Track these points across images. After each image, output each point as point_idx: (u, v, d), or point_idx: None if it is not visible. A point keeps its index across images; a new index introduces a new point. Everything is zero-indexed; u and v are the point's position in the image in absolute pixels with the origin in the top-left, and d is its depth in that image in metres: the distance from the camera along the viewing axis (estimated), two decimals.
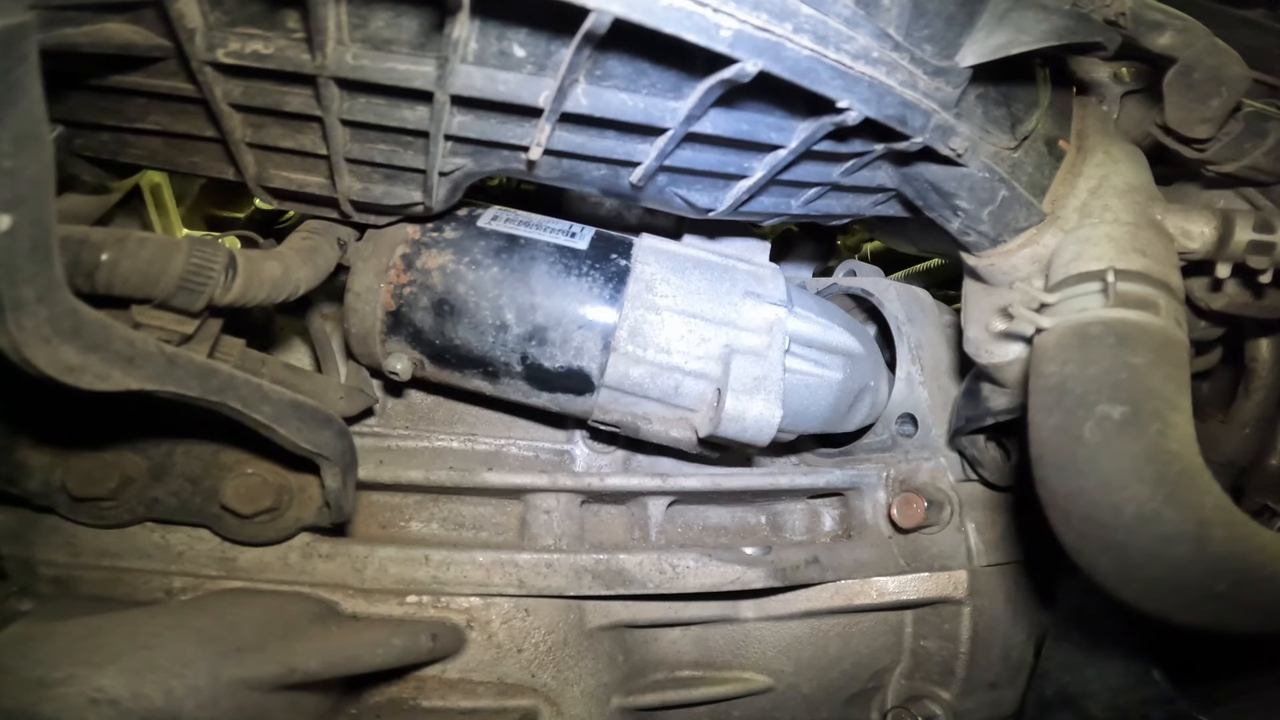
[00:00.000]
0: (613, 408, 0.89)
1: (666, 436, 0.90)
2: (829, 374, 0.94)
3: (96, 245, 0.66)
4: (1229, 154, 0.80)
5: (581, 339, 0.85)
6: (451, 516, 1.01)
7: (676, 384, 0.86)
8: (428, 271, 0.85)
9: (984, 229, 0.78)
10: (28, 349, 0.51)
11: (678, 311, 0.87)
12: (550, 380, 0.87)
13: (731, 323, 0.88)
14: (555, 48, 0.61)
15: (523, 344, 0.85)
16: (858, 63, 0.59)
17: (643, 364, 0.86)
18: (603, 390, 0.87)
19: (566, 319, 0.85)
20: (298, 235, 0.87)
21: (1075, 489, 0.61)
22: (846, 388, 0.96)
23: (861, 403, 1.01)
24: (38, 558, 0.86)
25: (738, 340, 0.87)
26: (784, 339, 0.87)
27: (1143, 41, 0.75)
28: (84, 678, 0.64)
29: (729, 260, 0.93)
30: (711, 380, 0.86)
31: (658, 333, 0.86)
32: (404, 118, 0.68)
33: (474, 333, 0.85)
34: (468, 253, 0.86)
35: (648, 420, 0.89)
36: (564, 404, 0.90)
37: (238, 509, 0.84)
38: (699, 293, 0.88)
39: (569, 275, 0.86)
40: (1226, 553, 0.56)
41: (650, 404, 0.88)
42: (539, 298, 0.85)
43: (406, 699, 0.92)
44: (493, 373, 0.88)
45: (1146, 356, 0.61)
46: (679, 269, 0.89)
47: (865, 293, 1.13)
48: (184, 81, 0.66)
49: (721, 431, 0.82)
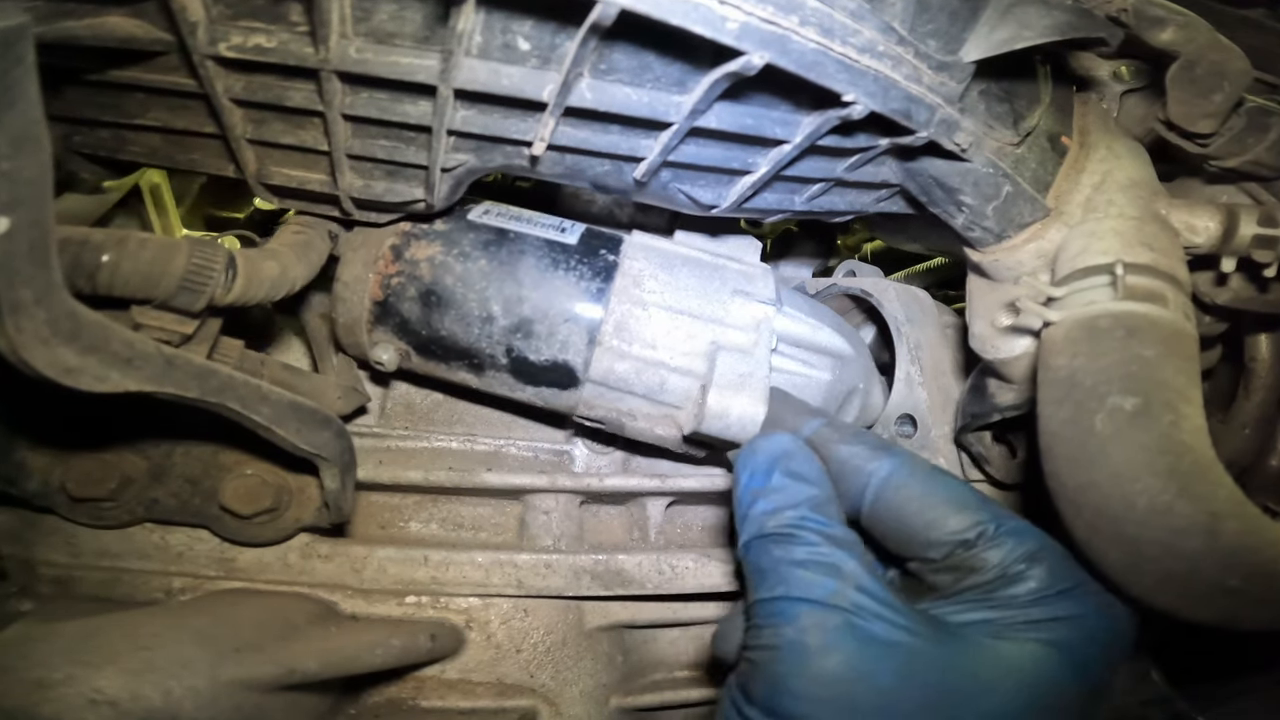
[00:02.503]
0: (597, 403, 0.88)
1: (652, 434, 0.90)
2: (816, 374, 0.93)
3: (97, 246, 0.67)
4: (1232, 149, 0.80)
5: (567, 333, 0.85)
6: (450, 517, 1.01)
7: (662, 380, 0.86)
8: (416, 263, 0.85)
9: (988, 224, 0.78)
10: (26, 350, 0.51)
11: (664, 307, 0.86)
12: (535, 374, 0.87)
13: (718, 320, 0.87)
14: (560, 41, 0.61)
15: (508, 336, 0.85)
16: (863, 56, 0.59)
17: (628, 359, 0.85)
18: (587, 385, 0.87)
19: (552, 312, 0.85)
20: (289, 230, 0.86)
21: (1086, 481, 0.60)
22: (834, 389, 0.95)
23: (850, 405, 1.00)
24: (38, 558, 0.86)
25: (724, 337, 0.86)
26: (771, 337, 0.87)
27: (1145, 37, 0.75)
28: (83, 678, 0.64)
29: (719, 259, 0.93)
30: (697, 377, 0.85)
31: (644, 328, 0.86)
32: (407, 113, 0.67)
33: (460, 324, 0.85)
34: (456, 245, 0.86)
35: (633, 417, 0.89)
36: (549, 398, 0.89)
37: (237, 510, 0.84)
38: (687, 289, 0.88)
39: (556, 269, 0.86)
40: (1240, 546, 0.55)
41: (635, 400, 0.87)
42: (525, 290, 0.85)
43: (406, 699, 0.91)
44: (478, 365, 0.87)
45: (1157, 349, 0.61)
46: (667, 265, 0.89)
47: (865, 293, 1.12)
48: (185, 76, 0.65)
49: (704, 428, 0.82)
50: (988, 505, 0.68)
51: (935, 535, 0.67)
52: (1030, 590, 0.62)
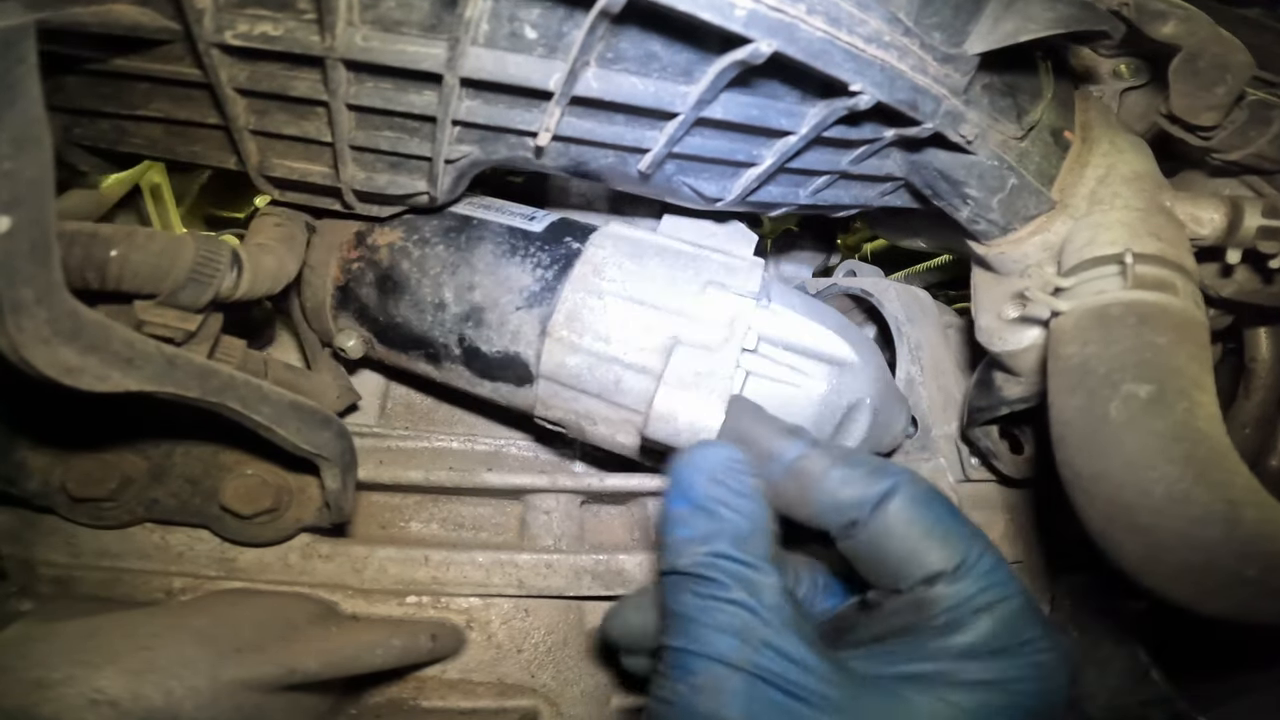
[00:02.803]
0: (553, 402, 0.82)
1: (613, 441, 0.82)
2: (807, 382, 0.82)
3: (106, 240, 0.67)
4: (1234, 142, 0.80)
5: (518, 322, 0.81)
6: (451, 517, 1.00)
7: (616, 378, 0.78)
8: (376, 248, 0.85)
9: (994, 217, 0.78)
10: (27, 350, 0.50)
11: (623, 297, 0.80)
12: (489, 367, 0.83)
13: (683, 312, 0.79)
14: (567, 29, 0.60)
15: (460, 324, 0.82)
16: (870, 46, 0.59)
17: (579, 352, 0.79)
18: (541, 381, 0.81)
19: (504, 300, 0.81)
20: (270, 223, 0.86)
21: (1100, 469, 0.60)
22: (830, 402, 0.83)
23: (852, 423, 0.85)
24: (38, 558, 0.85)
25: (686, 332, 0.78)
26: (746, 334, 0.77)
27: (1147, 30, 0.76)
28: (83, 678, 0.64)
29: (702, 250, 0.85)
30: (654, 376, 0.77)
31: (597, 319, 0.79)
32: (411, 102, 0.67)
33: (414, 310, 0.84)
34: (417, 231, 0.85)
35: (591, 420, 0.82)
36: (507, 395, 0.85)
37: (237, 510, 0.83)
38: (652, 279, 0.81)
39: (513, 256, 0.83)
40: (1258, 534, 0.54)
41: (590, 400, 0.80)
42: (478, 277, 0.82)
43: (406, 699, 0.91)
44: (434, 355, 0.85)
45: (1169, 336, 0.61)
46: (636, 254, 0.83)
47: (865, 293, 1.12)
48: (189, 66, 0.65)
49: (649, 431, 0.74)
50: (974, 542, 0.63)
51: (907, 570, 0.62)
52: (966, 644, 0.59)
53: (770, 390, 0.81)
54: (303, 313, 0.89)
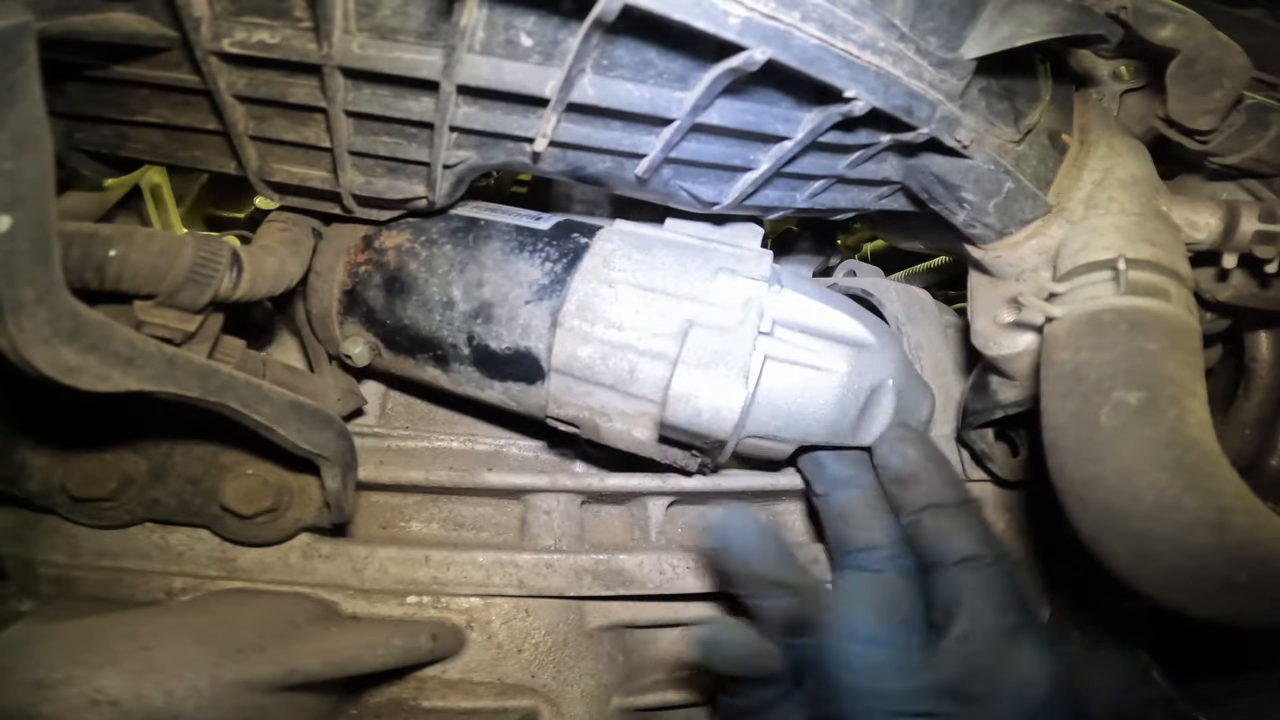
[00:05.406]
0: (566, 399, 0.81)
1: (629, 438, 0.81)
2: (828, 364, 0.80)
3: (106, 240, 0.67)
4: (1232, 145, 0.80)
5: (528, 316, 0.80)
6: (451, 517, 1.01)
7: (631, 366, 0.77)
8: (384, 250, 0.85)
9: (990, 221, 0.78)
10: (27, 350, 0.51)
11: (634, 285, 0.79)
12: (499, 365, 0.83)
13: (695, 297, 0.79)
14: (563, 36, 0.61)
15: (469, 322, 0.82)
16: (865, 52, 0.59)
17: (592, 342, 0.78)
18: (553, 376, 0.80)
19: (513, 295, 0.81)
20: (275, 227, 0.86)
21: (1092, 475, 0.60)
22: (853, 384, 0.81)
23: (876, 404, 0.84)
24: (38, 558, 0.85)
25: (702, 315, 0.78)
26: (760, 316, 0.77)
27: (1144, 34, 0.75)
28: (84, 679, 0.64)
29: (710, 243, 0.85)
30: (669, 361, 0.76)
31: (609, 307, 0.79)
32: (409, 109, 0.67)
33: (421, 310, 0.83)
34: (425, 232, 0.85)
35: (606, 416, 0.81)
36: (517, 396, 0.85)
37: (238, 509, 0.83)
38: (662, 267, 0.81)
39: (522, 251, 0.83)
40: (1248, 540, 0.55)
41: (605, 393, 0.79)
42: (487, 273, 0.82)
43: (407, 699, 0.91)
44: (442, 357, 0.85)
45: (1161, 342, 0.61)
46: (645, 247, 0.83)
47: (865, 293, 1.12)
48: (188, 73, 0.65)
49: (669, 415, 0.74)
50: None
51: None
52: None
53: (791, 374, 0.79)
54: (308, 320, 0.89)
